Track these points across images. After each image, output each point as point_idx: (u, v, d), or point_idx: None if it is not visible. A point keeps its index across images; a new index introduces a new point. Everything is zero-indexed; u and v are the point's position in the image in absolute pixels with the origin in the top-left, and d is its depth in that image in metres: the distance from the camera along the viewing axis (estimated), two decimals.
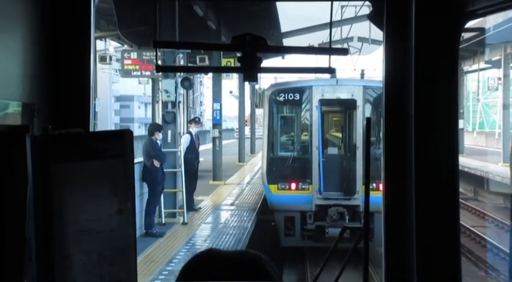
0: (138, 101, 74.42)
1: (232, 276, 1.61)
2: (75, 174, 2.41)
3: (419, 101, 2.84)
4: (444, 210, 2.85)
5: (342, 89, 18.28)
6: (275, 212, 18.44)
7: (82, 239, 2.40)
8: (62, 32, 2.74)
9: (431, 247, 2.84)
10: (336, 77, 19.27)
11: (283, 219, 18.27)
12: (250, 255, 1.71)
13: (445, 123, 2.86)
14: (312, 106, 18.25)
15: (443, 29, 2.81)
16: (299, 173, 18.02)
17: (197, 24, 21.61)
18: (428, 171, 2.85)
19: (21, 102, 2.42)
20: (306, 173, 17.92)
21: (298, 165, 18.15)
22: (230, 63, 26.83)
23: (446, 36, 2.82)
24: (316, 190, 17.69)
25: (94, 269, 2.41)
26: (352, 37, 33.16)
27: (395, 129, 2.99)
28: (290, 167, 18.09)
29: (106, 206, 2.45)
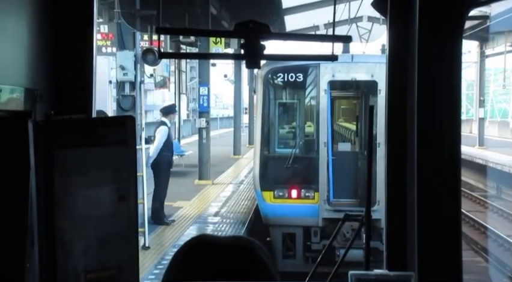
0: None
1: (225, 262, 1.64)
2: (77, 160, 2.45)
3: (422, 87, 2.86)
4: (446, 202, 2.88)
5: (359, 67, 14.16)
6: (270, 227, 14.52)
7: (83, 224, 2.45)
8: (65, 18, 2.74)
9: (432, 239, 2.86)
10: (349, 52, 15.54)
11: (281, 237, 14.39)
12: (243, 240, 1.74)
13: (448, 109, 2.88)
14: (319, 90, 14.18)
15: (447, 16, 2.82)
16: (302, 176, 14.11)
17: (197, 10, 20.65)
18: (431, 162, 2.87)
19: (24, 87, 2.44)
20: (311, 176, 13.97)
21: (300, 166, 14.16)
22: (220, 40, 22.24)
23: (450, 23, 2.83)
24: (324, 199, 13.89)
25: (96, 255, 2.45)
26: (361, 17, 29.88)
27: (398, 117, 3.01)
28: (290, 169, 14.04)
29: (108, 192, 2.49)
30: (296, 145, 14.99)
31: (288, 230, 14.37)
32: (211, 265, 1.64)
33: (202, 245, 1.73)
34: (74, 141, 2.45)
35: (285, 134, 15.80)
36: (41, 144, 2.39)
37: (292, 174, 14.19)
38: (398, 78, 3.06)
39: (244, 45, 2.57)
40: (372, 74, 14.03)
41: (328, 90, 14.28)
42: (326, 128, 14.15)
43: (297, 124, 15.41)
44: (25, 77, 2.52)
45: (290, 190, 14.09)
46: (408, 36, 2.98)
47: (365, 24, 31.26)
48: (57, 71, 2.76)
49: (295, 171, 14.19)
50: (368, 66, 14.07)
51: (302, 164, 14.32)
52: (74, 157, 2.45)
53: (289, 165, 14.07)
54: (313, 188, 13.99)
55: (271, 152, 14.75)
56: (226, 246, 1.70)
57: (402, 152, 3.03)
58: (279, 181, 14.28)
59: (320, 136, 14.15)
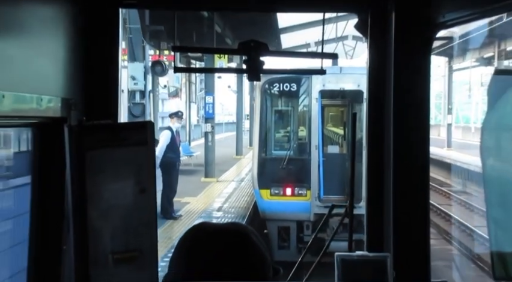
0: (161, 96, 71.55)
1: (221, 245, 1.63)
2: (105, 159, 2.47)
3: (397, 99, 2.86)
4: (417, 195, 2.88)
5: (347, 78, 13.91)
6: (267, 221, 14.30)
7: (111, 213, 2.47)
8: (95, 39, 2.76)
9: (405, 226, 2.86)
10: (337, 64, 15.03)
11: (276, 230, 14.16)
12: (238, 226, 1.72)
13: (419, 116, 2.87)
14: (311, 98, 13.89)
15: (418, 37, 2.82)
16: (295, 176, 13.70)
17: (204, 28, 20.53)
18: (404, 161, 2.86)
19: (61, 97, 2.45)
20: (304, 176, 13.62)
21: (294, 167, 13.72)
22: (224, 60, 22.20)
23: (421, 43, 2.84)
24: (316, 197, 13.59)
25: (121, 239, 2.47)
26: (347, 36, 30.24)
27: (377, 123, 3.00)
28: (285, 169, 13.64)
29: (131, 186, 2.51)
30: (290, 148, 14.41)
31: (283, 224, 14.08)
32: (212, 247, 1.64)
33: (203, 230, 1.73)
34: (102, 143, 2.48)
35: (280, 138, 15.33)
36: (75, 145, 2.42)
37: (286, 174, 13.78)
38: (376, 89, 3.05)
39: (246, 61, 2.60)
40: (358, 84, 13.71)
41: (319, 99, 13.89)
42: (317, 132, 13.75)
43: (292, 129, 14.96)
44: (62, 88, 2.53)
45: (285, 188, 13.72)
46: (385, 53, 2.98)
47: (350, 42, 31.50)
48: (88, 84, 2.76)
49: (289, 171, 13.75)
50: (354, 77, 13.77)
51: (296, 165, 13.85)
52: (102, 156, 2.48)
53: (284, 166, 13.65)
54: (305, 187, 13.61)
55: (267, 155, 14.23)
56: (224, 231, 1.70)
57: (380, 152, 3.03)
58: (275, 180, 13.86)
59: (312, 140, 13.73)
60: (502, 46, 31.05)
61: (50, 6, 2.46)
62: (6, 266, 2.57)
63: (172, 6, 2.77)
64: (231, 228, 1.70)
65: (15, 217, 2.55)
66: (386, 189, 2.94)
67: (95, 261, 2.42)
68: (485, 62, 35.61)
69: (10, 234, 2.57)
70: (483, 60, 35.79)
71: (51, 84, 2.44)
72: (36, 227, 2.51)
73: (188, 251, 1.65)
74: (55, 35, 2.51)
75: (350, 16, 25.91)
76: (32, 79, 2.25)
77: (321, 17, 3.21)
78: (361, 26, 3.03)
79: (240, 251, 1.63)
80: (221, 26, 22.24)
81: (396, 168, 2.84)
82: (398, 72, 2.84)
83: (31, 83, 2.22)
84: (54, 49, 2.50)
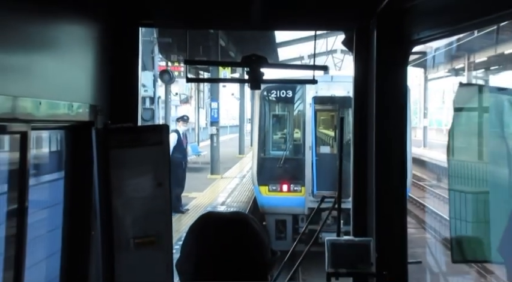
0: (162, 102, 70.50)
1: (224, 230, 1.62)
2: (127, 157, 2.50)
3: (379, 105, 2.87)
4: (396, 186, 2.88)
5: (338, 85, 13.65)
6: (266, 215, 14.02)
7: (132, 203, 2.50)
8: (118, 53, 2.77)
9: (386, 215, 2.87)
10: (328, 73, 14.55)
11: (274, 223, 13.92)
12: (239, 214, 1.72)
13: (398, 119, 2.88)
14: (305, 104, 13.55)
15: (396, 52, 2.83)
16: (291, 174, 13.34)
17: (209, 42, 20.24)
18: (385, 158, 2.87)
19: (89, 104, 2.48)
20: (299, 174, 13.23)
21: (290, 166, 13.35)
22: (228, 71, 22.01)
23: (398, 57, 2.85)
24: (309, 192, 13.26)
25: (141, 225, 2.50)
26: (336, 49, 30.22)
27: (361, 126, 3.01)
28: (282, 168, 13.29)
29: (150, 180, 2.55)
30: (286, 149, 13.88)
31: (280, 217, 13.79)
32: (216, 232, 1.64)
33: (209, 217, 1.72)
34: (124, 143, 2.50)
35: (277, 140, 14.72)
36: (101, 145, 2.44)
37: (283, 172, 13.34)
38: (361, 96, 3.06)
39: (248, 72, 2.65)
40: (348, 90, 12.96)
41: (312, 104, 13.49)
42: (310, 134, 13.32)
43: (287, 132, 14.40)
44: (90, 96, 2.55)
45: (282, 185, 13.32)
46: (368, 65, 3.00)
47: (339, 55, 31.54)
48: (112, 92, 2.78)
49: (285, 170, 13.32)
50: (344, 85, 13.36)
51: (291, 164, 13.40)
52: (124, 155, 2.50)
53: (281, 165, 13.24)
54: (300, 184, 13.23)
55: (266, 155, 13.74)
56: (227, 218, 1.70)
57: (364, 152, 3.04)
58: (273, 178, 13.44)
59: (306, 141, 13.30)
60: (471, 58, 31.15)
61: (80, 26, 2.49)
62: (44, 248, 2.59)
63: (184, 26, 2.81)
64: (233, 216, 1.71)
65: (52, 206, 2.57)
66: (369, 183, 2.95)
67: (119, 245, 2.45)
68: (456, 73, 35.76)
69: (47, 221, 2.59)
70: (454, 71, 35.92)
71: (80, 92, 2.45)
72: (69, 215, 2.53)
73: (197, 236, 1.65)
74: (84, 50, 2.53)
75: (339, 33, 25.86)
76: (65, 88, 2.27)
77: (313, 33, 3.25)
78: (347, 42, 3.06)
79: (241, 235, 1.63)
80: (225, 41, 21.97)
81: (377, 166, 2.86)
82: (379, 81, 2.85)
83: (64, 91, 2.24)
84: (84, 62, 2.52)
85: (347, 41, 3.06)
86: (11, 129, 1.92)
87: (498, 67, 32.84)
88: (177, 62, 20.81)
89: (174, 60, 20.76)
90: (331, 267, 2.59)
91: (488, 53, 27.81)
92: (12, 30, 1.85)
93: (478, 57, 30.20)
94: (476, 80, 32.52)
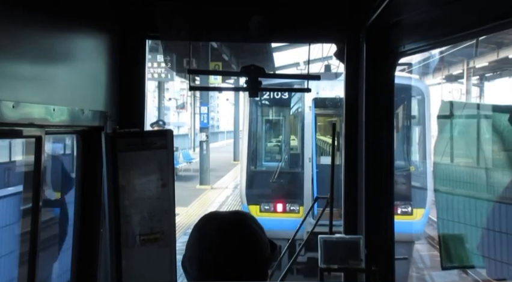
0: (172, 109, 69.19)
1: (224, 228, 1.61)
2: (134, 160, 2.47)
3: (367, 112, 2.86)
4: (384, 187, 2.86)
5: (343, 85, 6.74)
6: None
7: (138, 203, 2.47)
8: (126, 64, 2.76)
9: (374, 215, 2.85)
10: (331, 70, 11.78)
11: None
12: (239, 214, 1.70)
13: (385, 126, 2.86)
14: (304, 107, 10.07)
15: (384, 63, 2.82)
16: (287, 191, 9.91)
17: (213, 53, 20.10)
18: (373, 161, 2.85)
19: (99, 110, 2.47)
20: (296, 191, 9.77)
21: (285, 181, 9.94)
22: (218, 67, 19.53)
23: (386, 68, 2.84)
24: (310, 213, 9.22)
25: (147, 223, 2.48)
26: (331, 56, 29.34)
27: (352, 133, 2.99)
28: (276, 184, 9.87)
29: (155, 181, 2.51)
30: (281, 160, 10.45)
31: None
32: (219, 230, 1.62)
33: (211, 218, 1.69)
34: (131, 146, 2.48)
35: (270, 150, 11.53)
36: (110, 148, 2.42)
37: (277, 189, 9.95)
38: (351, 103, 3.04)
39: (247, 81, 2.62)
40: None
41: (313, 108, 10.04)
42: (310, 144, 9.89)
43: (282, 141, 11.16)
44: (100, 103, 2.54)
45: (275, 204, 9.90)
46: (358, 75, 2.98)
47: (334, 61, 30.82)
48: (121, 99, 2.76)
49: (280, 186, 9.94)
50: None
51: (287, 179, 10.01)
52: (132, 157, 2.48)
53: (275, 180, 9.87)
54: (298, 203, 9.80)
55: (257, 168, 10.37)
56: (227, 219, 1.67)
57: (355, 155, 3.02)
58: (265, 195, 9.99)
59: (305, 152, 9.87)
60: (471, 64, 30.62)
61: (91, 38, 2.47)
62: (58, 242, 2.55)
63: (188, 39, 2.78)
64: (234, 216, 1.69)
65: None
66: (359, 185, 2.92)
67: (126, 241, 2.43)
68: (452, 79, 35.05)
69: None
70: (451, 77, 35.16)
71: (91, 100, 2.43)
72: (79, 213, 2.50)
73: (199, 236, 1.63)
74: (95, 61, 2.51)
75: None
76: (77, 96, 2.26)
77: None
78: (339, 54, 3.04)
79: (241, 234, 1.61)
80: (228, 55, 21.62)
81: (367, 169, 2.84)
82: (368, 90, 2.84)
83: (76, 99, 2.23)
84: (95, 72, 2.50)
85: (338, 52, 3.05)
86: (27, 134, 1.91)
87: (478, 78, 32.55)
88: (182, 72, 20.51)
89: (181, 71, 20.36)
90: (323, 263, 2.56)
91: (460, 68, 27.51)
92: (29, 43, 1.84)
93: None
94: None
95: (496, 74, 27.37)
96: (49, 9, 1.97)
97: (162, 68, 20.68)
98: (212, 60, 19.35)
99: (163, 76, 21.16)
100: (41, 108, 1.89)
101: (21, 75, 1.80)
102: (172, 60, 19.91)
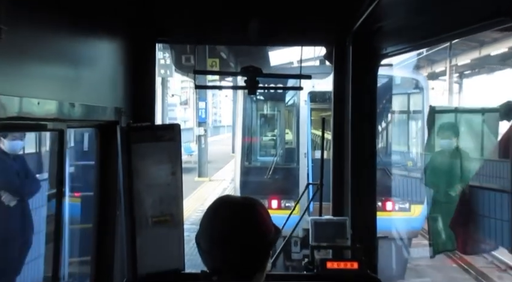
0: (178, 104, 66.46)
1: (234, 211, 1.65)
2: (146, 150, 2.56)
3: (354, 107, 2.95)
4: (368, 174, 2.96)
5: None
6: None
7: (150, 189, 2.56)
8: (138, 65, 2.84)
9: (359, 199, 2.95)
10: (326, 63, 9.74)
11: None
12: (250, 199, 1.73)
13: (369, 120, 2.95)
14: (299, 101, 9.14)
15: (367, 64, 2.91)
16: (282, 187, 8.88)
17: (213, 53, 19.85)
18: (358, 150, 2.95)
19: (115, 107, 2.55)
20: (291, 187, 8.71)
21: (280, 177, 8.97)
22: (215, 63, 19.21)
23: (369, 68, 2.93)
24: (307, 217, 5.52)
25: (157, 207, 2.57)
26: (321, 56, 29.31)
27: (340, 126, 3.07)
28: (270, 180, 8.87)
29: (165, 169, 2.60)
30: (276, 156, 9.42)
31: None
32: (230, 210, 1.66)
33: (223, 201, 1.72)
34: (143, 139, 2.56)
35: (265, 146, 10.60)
36: (125, 141, 2.51)
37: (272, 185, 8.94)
38: (339, 100, 3.10)
39: (246, 80, 2.73)
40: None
41: (308, 101, 9.01)
42: (306, 139, 8.96)
43: (277, 136, 10.34)
44: (116, 100, 2.62)
45: (270, 201, 8.80)
46: (345, 75, 3.05)
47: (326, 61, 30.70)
48: (134, 97, 2.83)
49: (275, 182, 8.96)
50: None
51: (282, 175, 9.04)
52: (144, 148, 2.56)
53: (270, 175, 8.90)
54: (293, 199, 8.62)
55: (251, 164, 9.41)
56: (238, 203, 1.70)
57: (342, 145, 3.09)
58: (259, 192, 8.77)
59: (300, 148, 8.95)
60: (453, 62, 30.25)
61: (107, 43, 2.56)
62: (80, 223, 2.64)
63: (194, 42, 2.89)
64: (244, 200, 1.72)
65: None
66: (345, 172, 3.01)
67: (140, 222, 2.51)
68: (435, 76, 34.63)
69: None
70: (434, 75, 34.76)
71: (108, 97, 2.51)
72: (99, 197, 2.59)
73: (213, 215, 1.67)
74: (111, 62, 2.59)
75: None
76: (95, 94, 2.33)
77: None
78: (328, 56, 3.14)
79: (249, 216, 1.65)
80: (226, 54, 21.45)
81: (353, 157, 2.93)
82: (354, 88, 2.92)
83: (94, 96, 2.30)
84: (111, 72, 2.58)
85: (327, 55, 3.15)
86: (51, 127, 1.98)
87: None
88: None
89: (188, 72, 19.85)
90: (314, 241, 2.67)
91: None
92: (53, 47, 1.92)
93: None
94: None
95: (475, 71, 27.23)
96: (71, 18, 2.05)
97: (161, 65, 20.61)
98: (209, 57, 19.12)
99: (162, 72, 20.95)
100: (64, 105, 1.96)
101: (46, 76, 1.87)
102: (171, 57, 19.87)
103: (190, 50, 17.42)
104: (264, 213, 1.68)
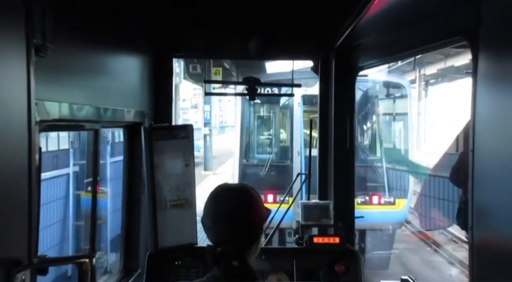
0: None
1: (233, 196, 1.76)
2: (165, 146, 2.70)
3: (336, 112, 3.13)
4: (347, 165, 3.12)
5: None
6: None
7: (168, 178, 2.70)
8: (158, 76, 3.01)
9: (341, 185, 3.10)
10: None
11: None
12: (245, 185, 1.84)
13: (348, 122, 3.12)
14: (293, 103, 9.37)
15: (347, 75, 3.09)
16: (277, 182, 9.10)
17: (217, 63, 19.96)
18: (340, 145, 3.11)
19: (139, 110, 2.66)
20: (286, 182, 8.88)
21: (275, 173, 9.27)
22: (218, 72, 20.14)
23: (348, 79, 3.11)
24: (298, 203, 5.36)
25: (174, 193, 2.71)
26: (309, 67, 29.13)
27: (325, 126, 3.26)
28: (266, 176, 9.16)
29: (180, 162, 2.74)
30: (272, 154, 9.65)
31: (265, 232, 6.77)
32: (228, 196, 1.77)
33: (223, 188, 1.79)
34: (163, 137, 2.71)
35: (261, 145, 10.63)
36: (147, 138, 2.66)
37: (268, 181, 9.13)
38: (324, 106, 3.29)
39: (247, 88, 2.96)
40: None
41: (301, 103, 9.23)
42: (299, 138, 9.25)
43: (273, 136, 10.41)
44: (139, 104, 2.72)
45: (266, 195, 8.88)
46: (329, 84, 3.23)
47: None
48: (155, 102, 2.94)
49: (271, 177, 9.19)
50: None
51: (277, 172, 9.28)
52: (163, 145, 2.70)
53: (266, 172, 9.16)
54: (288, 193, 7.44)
55: (249, 161, 9.65)
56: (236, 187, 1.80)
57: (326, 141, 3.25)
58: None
59: (294, 146, 9.24)
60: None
61: (133, 58, 2.73)
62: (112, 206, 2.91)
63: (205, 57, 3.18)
64: (239, 186, 1.85)
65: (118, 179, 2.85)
66: (329, 164, 3.19)
67: (160, 205, 2.65)
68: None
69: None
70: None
71: (133, 102, 2.64)
72: (127, 185, 2.78)
73: (214, 199, 1.76)
74: (136, 73, 2.76)
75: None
76: (123, 100, 2.46)
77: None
78: (315, 68, 3.33)
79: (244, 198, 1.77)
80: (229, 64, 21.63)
81: (336, 152, 3.11)
82: (336, 95, 3.11)
83: (122, 101, 2.41)
84: (135, 82, 2.74)
85: (314, 67, 3.33)
86: (88, 127, 2.09)
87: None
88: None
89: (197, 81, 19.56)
90: (303, 221, 2.84)
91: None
92: (89, 62, 2.03)
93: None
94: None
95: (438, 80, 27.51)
96: (104, 37, 2.18)
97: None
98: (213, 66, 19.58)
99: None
100: (98, 109, 2.05)
101: (83, 85, 1.96)
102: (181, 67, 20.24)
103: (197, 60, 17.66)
104: (256, 196, 1.77)
